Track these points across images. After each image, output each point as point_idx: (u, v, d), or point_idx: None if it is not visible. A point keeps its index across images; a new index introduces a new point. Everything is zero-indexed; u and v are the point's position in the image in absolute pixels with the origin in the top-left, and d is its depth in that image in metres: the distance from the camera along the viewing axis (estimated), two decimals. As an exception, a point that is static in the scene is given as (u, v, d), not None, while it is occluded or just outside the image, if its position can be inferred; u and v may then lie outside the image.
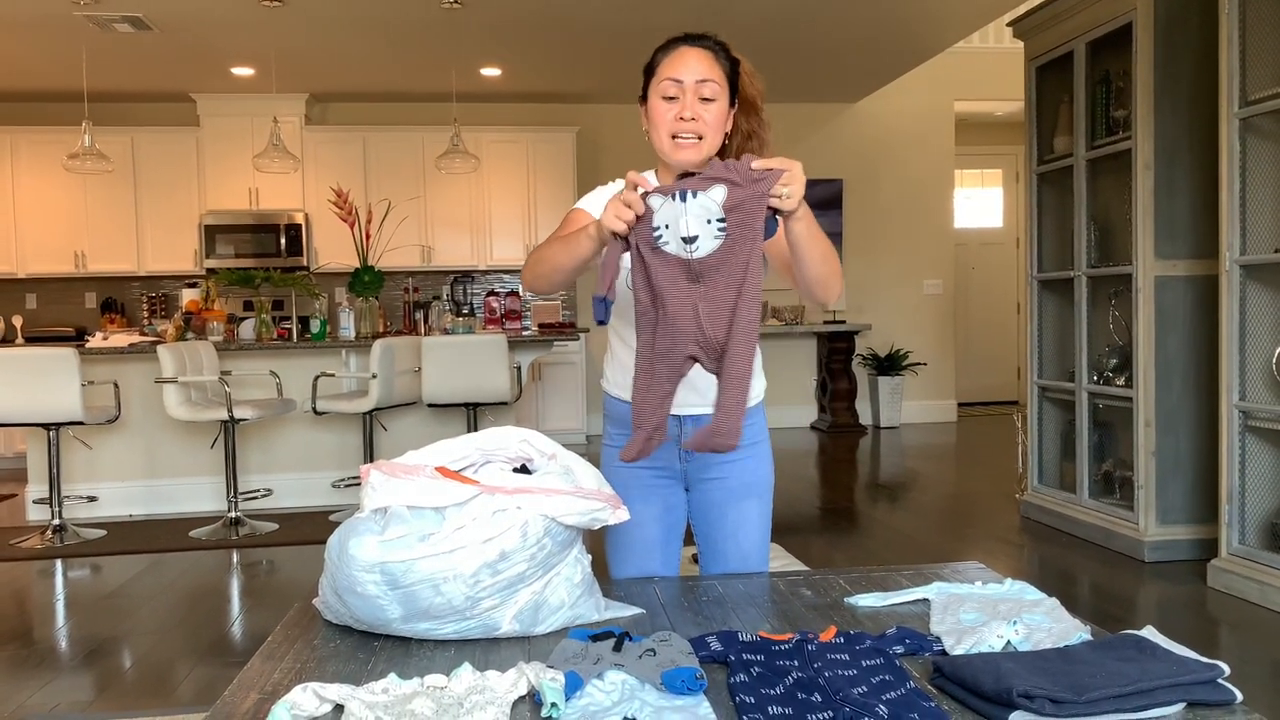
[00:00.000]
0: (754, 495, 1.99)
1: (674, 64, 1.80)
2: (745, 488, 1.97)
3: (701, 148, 1.81)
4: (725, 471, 1.95)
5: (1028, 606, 1.53)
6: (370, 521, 1.50)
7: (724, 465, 1.94)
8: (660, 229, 1.56)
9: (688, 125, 1.79)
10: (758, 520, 2.00)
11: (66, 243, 7.77)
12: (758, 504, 1.99)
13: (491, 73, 7.53)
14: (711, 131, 1.81)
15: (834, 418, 8.62)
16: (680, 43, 1.82)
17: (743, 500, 1.97)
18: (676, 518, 2.01)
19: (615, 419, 2.01)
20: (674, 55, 1.81)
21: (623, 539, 1.98)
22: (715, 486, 1.97)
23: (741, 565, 1.96)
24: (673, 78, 1.79)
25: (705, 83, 1.79)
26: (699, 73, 1.79)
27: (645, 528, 1.97)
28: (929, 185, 9.08)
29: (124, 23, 6.03)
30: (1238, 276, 3.81)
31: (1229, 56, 3.78)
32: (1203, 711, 1.18)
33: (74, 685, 3.19)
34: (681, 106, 1.79)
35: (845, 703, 1.19)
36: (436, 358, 5.40)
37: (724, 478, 1.96)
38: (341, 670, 1.39)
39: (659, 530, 1.98)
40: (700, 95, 1.79)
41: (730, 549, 1.98)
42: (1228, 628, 3.58)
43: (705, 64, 1.80)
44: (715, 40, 1.84)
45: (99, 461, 5.75)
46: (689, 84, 1.79)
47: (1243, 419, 3.85)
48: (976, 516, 5.46)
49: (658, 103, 1.81)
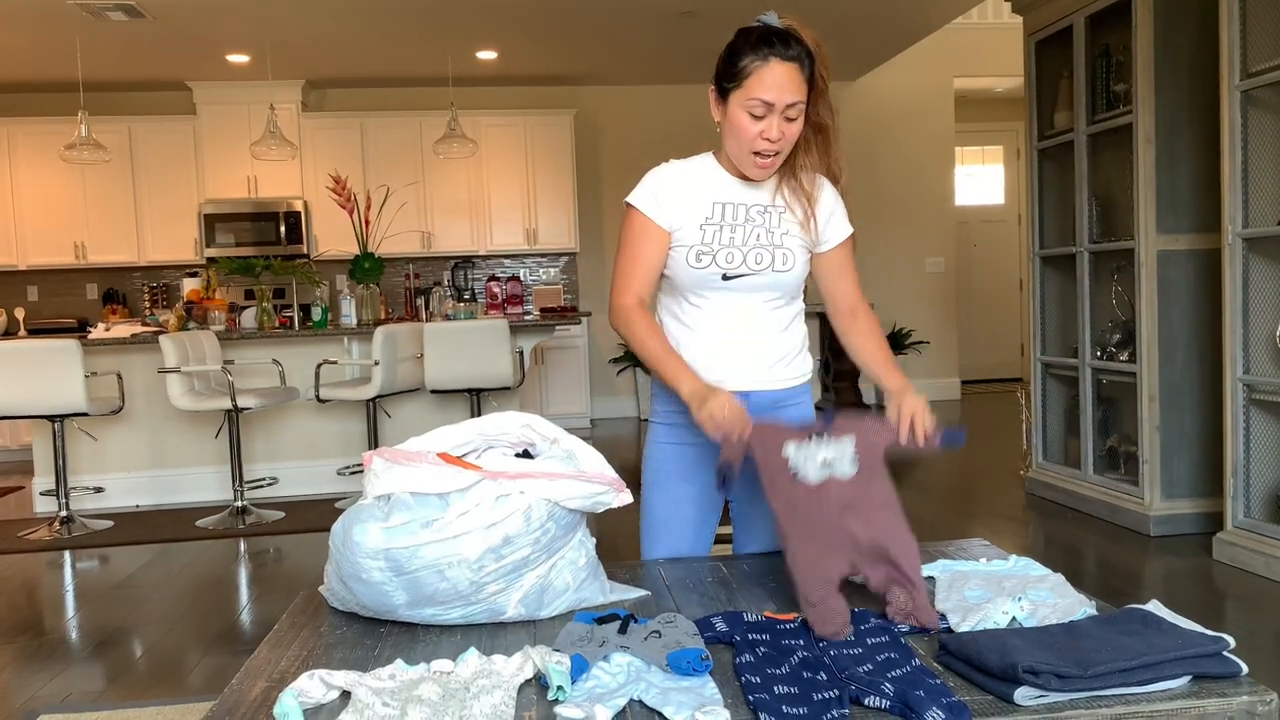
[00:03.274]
0: None
1: (765, 84, 1.77)
2: None
3: (778, 162, 1.86)
4: None
5: (1033, 583, 1.53)
6: (374, 508, 1.50)
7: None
8: (793, 465, 1.58)
9: (772, 146, 1.81)
10: None
11: (66, 234, 7.76)
12: None
13: (488, 56, 7.49)
14: (789, 147, 1.85)
15: (838, 397, 8.61)
16: (771, 52, 1.77)
17: None
18: (715, 500, 2.01)
19: (662, 396, 1.98)
20: (765, 71, 1.77)
21: (658, 517, 1.98)
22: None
23: (774, 546, 1.95)
24: (764, 99, 1.77)
25: (793, 106, 1.79)
26: (789, 96, 1.77)
27: (682, 506, 1.97)
28: (929, 163, 9.04)
29: (117, 10, 5.99)
30: (1240, 250, 3.79)
31: (1229, 28, 3.75)
32: (1208, 684, 1.19)
33: (85, 675, 3.21)
34: (768, 128, 1.79)
35: (851, 681, 1.20)
36: (438, 344, 5.39)
37: None
38: (348, 657, 1.39)
39: (695, 511, 1.98)
40: (786, 116, 1.80)
41: (759, 527, 1.99)
42: (1233, 600, 3.58)
43: (795, 83, 1.78)
44: (803, 47, 1.80)
45: (104, 453, 5.77)
46: (779, 107, 1.78)
47: (1246, 392, 3.84)
48: (981, 494, 5.46)
49: (742, 116, 1.80)
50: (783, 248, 1.89)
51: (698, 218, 1.89)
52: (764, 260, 1.88)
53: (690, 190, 1.91)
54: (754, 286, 1.89)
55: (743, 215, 1.90)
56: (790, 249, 1.90)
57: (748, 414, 1.67)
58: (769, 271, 1.88)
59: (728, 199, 1.91)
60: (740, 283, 1.89)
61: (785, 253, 1.89)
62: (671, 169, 1.94)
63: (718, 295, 1.90)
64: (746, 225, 1.89)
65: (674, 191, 1.90)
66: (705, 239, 1.88)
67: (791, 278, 1.91)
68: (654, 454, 1.99)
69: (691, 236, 1.88)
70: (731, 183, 1.92)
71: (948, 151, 9.10)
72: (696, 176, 1.93)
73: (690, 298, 1.93)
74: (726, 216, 1.89)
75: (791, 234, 1.90)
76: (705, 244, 1.87)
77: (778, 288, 1.91)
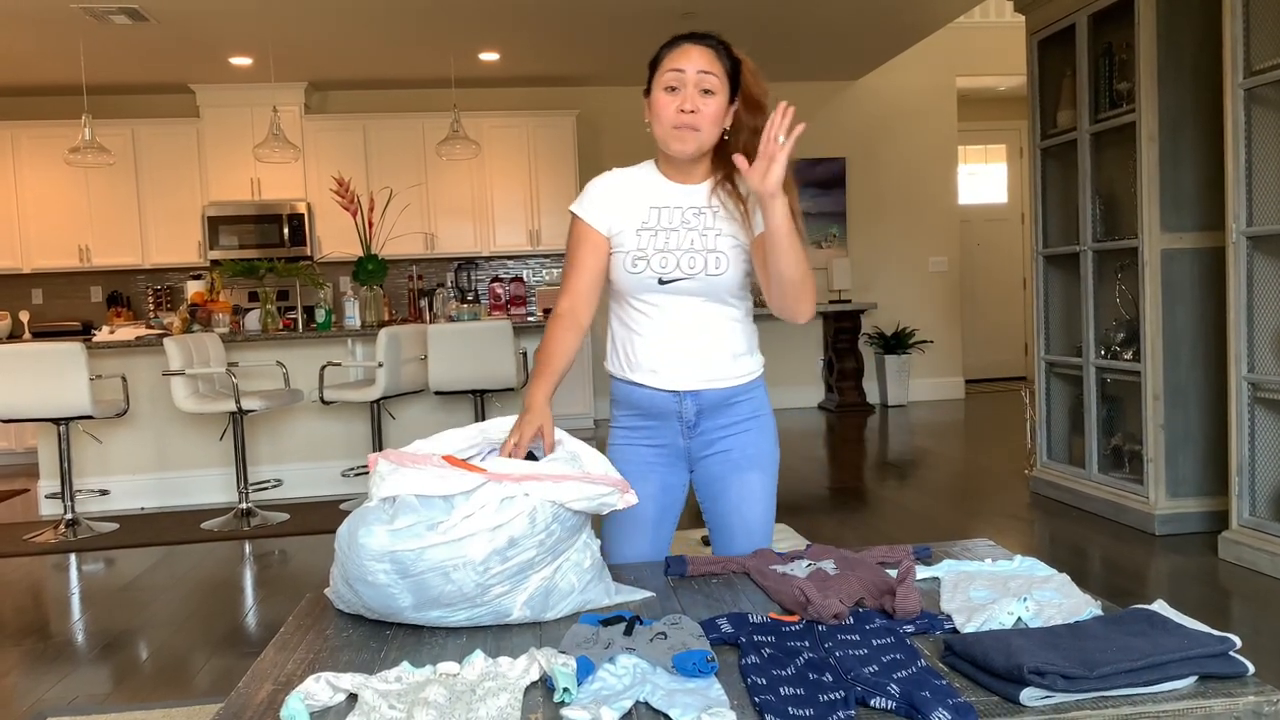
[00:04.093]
0: (757, 467, 2.01)
1: (677, 57, 1.88)
2: (748, 460, 2.00)
3: (697, 139, 1.88)
4: (728, 444, 1.99)
5: (1038, 583, 1.53)
6: (379, 511, 1.50)
7: (726, 439, 1.98)
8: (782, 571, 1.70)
9: (687, 117, 1.86)
10: (761, 493, 2.02)
11: (71, 237, 7.78)
12: (760, 476, 2.02)
13: (490, 57, 7.50)
14: (709, 124, 1.88)
15: (841, 397, 8.61)
16: (684, 40, 1.90)
17: (746, 472, 2.00)
18: (673, 498, 2.04)
19: (620, 401, 2.05)
20: (677, 50, 1.89)
21: (615, 516, 2.00)
22: (718, 460, 2.00)
23: (747, 540, 1.99)
24: (675, 68, 1.86)
25: (706, 74, 1.86)
26: (700, 64, 1.86)
27: (640, 505, 1.98)
28: (932, 162, 9.04)
29: (120, 14, 6.01)
30: (1244, 248, 3.79)
31: (1232, 26, 3.74)
32: (1214, 684, 1.18)
33: (91, 678, 3.21)
34: (682, 99, 1.86)
35: (857, 682, 1.20)
36: (442, 345, 5.40)
37: (727, 450, 1.99)
38: (354, 659, 1.39)
39: (653, 509, 2.01)
40: (701, 87, 1.86)
41: (735, 522, 2.01)
42: (1239, 599, 3.58)
43: (707, 58, 1.87)
44: (718, 39, 1.91)
45: (109, 455, 5.78)
46: (690, 75, 1.86)
47: (1251, 390, 3.84)
48: (986, 493, 5.46)
49: (660, 94, 1.89)
50: (715, 251, 1.91)
51: (634, 223, 1.94)
52: (697, 264, 1.90)
53: (628, 196, 1.96)
54: (690, 290, 1.92)
55: (678, 219, 1.93)
56: (723, 251, 1.91)
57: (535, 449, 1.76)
58: (703, 275, 1.90)
59: (664, 203, 1.95)
60: (676, 286, 1.91)
61: (718, 256, 1.91)
62: (612, 176, 2.00)
63: (659, 299, 1.94)
64: (681, 229, 1.92)
65: (612, 198, 1.96)
66: (640, 244, 1.92)
67: (726, 280, 1.92)
68: (613, 456, 2.02)
69: (629, 242, 1.93)
70: (668, 186, 1.96)
71: (950, 150, 9.09)
72: (635, 182, 1.98)
73: (634, 302, 1.96)
74: (662, 221, 1.93)
75: (725, 234, 1.92)
76: (640, 249, 1.92)
77: (713, 290, 1.93)
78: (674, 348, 1.95)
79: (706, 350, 1.95)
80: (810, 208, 8.86)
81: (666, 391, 1.96)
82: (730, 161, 1.90)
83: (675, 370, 1.95)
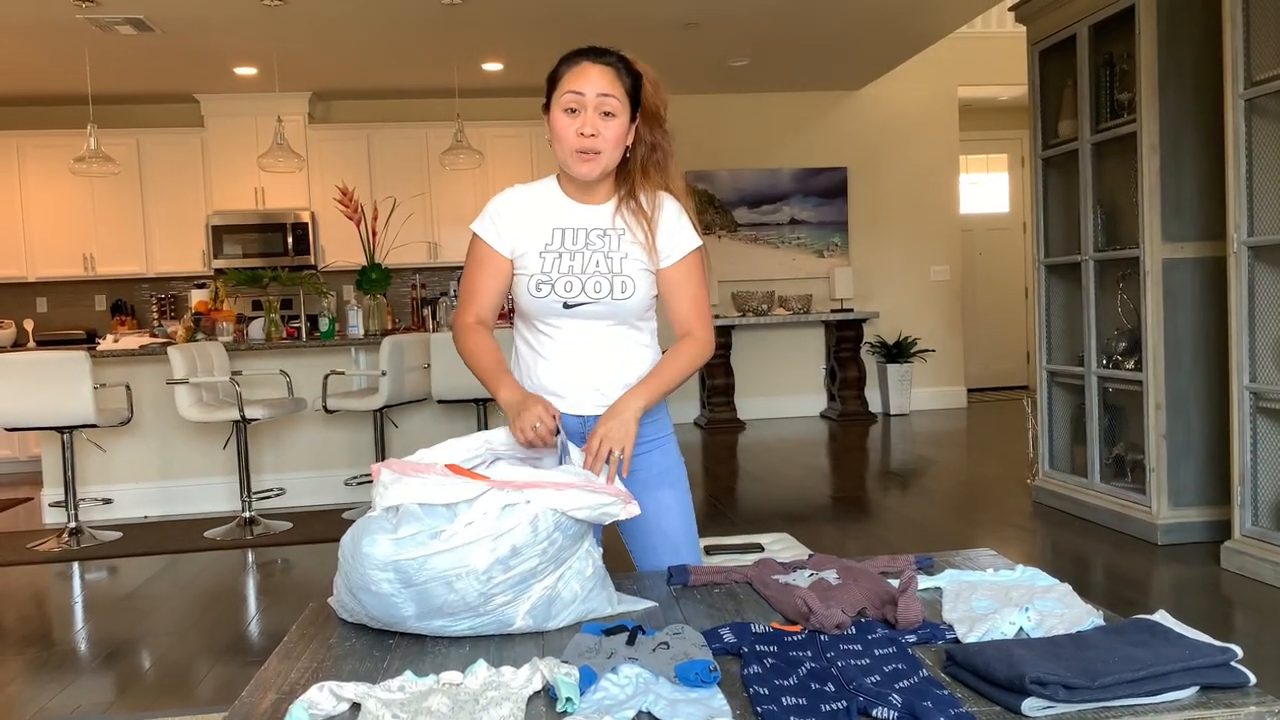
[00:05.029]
0: (667, 485, 1.99)
1: (576, 78, 1.85)
2: (656, 478, 1.98)
3: (600, 161, 1.86)
4: (634, 465, 1.92)
5: (1040, 593, 1.53)
6: (383, 520, 1.51)
7: (632, 459, 1.90)
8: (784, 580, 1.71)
9: (588, 141, 1.83)
10: (677, 508, 2.00)
11: (75, 246, 7.80)
12: (673, 492, 2.00)
13: (493, 68, 7.53)
14: (610, 147, 1.86)
15: (843, 406, 8.61)
16: (583, 57, 1.87)
17: (657, 490, 1.97)
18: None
19: None
20: (576, 70, 1.86)
21: None
22: (627, 481, 1.91)
23: (672, 555, 1.95)
24: (574, 90, 1.83)
25: (606, 98, 1.84)
26: (600, 87, 1.83)
27: None
28: (934, 171, 9.05)
29: (126, 24, 6.04)
30: (1246, 258, 3.79)
31: (1233, 37, 3.75)
32: (1216, 694, 1.19)
33: (94, 687, 3.21)
34: (582, 122, 1.84)
35: (859, 692, 1.20)
36: (445, 354, 5.40)
37: (634, 471, 1.92)
38: (358, 669, 1.40)
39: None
40: (601, 110, 1.84)
41: (658, 540, 1.98)
42: (1242, 609, 3.57)
43: (606, 80, 1.84)
44: (618, 56, 1.88)
45: (113, 464, 5.79)
46: (590, 98, 1.83)
47: (1253, 400, 3.84)
48: (988, 502, 5.46)
49: (560, 115, 1.86)
50: (622, 275, 1.89)
51: (538, 245, 1.91)
52: (603, 288, 1.88)
53: (531, 216, 1.93)
54: (596, 314, 1.89)
55: (582, 240, 1.90)
56: (630, 275, 1.89)
57: (561, 423, 1.78)
58: (608, 299, 1.88)
59: (567, 224, 1.92)
60: (581, 310, 1.89)
61: (624, 280, 1.89)
62: (514, 194, 1.97)
63: (563, 322, 1.91)
64: (586, 251, 1.89)
65: (514, 219, 1.93)
66: (544, 267, 1.89)
67: (633, 304, 1.90)
68: None
69: (532, 264, 1.90)
70: (572, 207, 1.93)
71: (952, 160, 9.11)
72: (538, 202, 1.95)
73: (539, 325, 1.94)
74: (566, 243, 1.90)
75: (631, 257, 1.90)
76: (544, 272, 1.89)
77: (620, 314, 1.91)
78: (579, 371, 1.92)
79: (610, 374, 1.92)
80: (811, 217, 8.89)
81: (572, 416, 1.92)
82: (632, 178, 1.91)
83: (579, 393, 1.93)
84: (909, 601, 1.46)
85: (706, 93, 8.52)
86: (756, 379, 8.79)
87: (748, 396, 8.66)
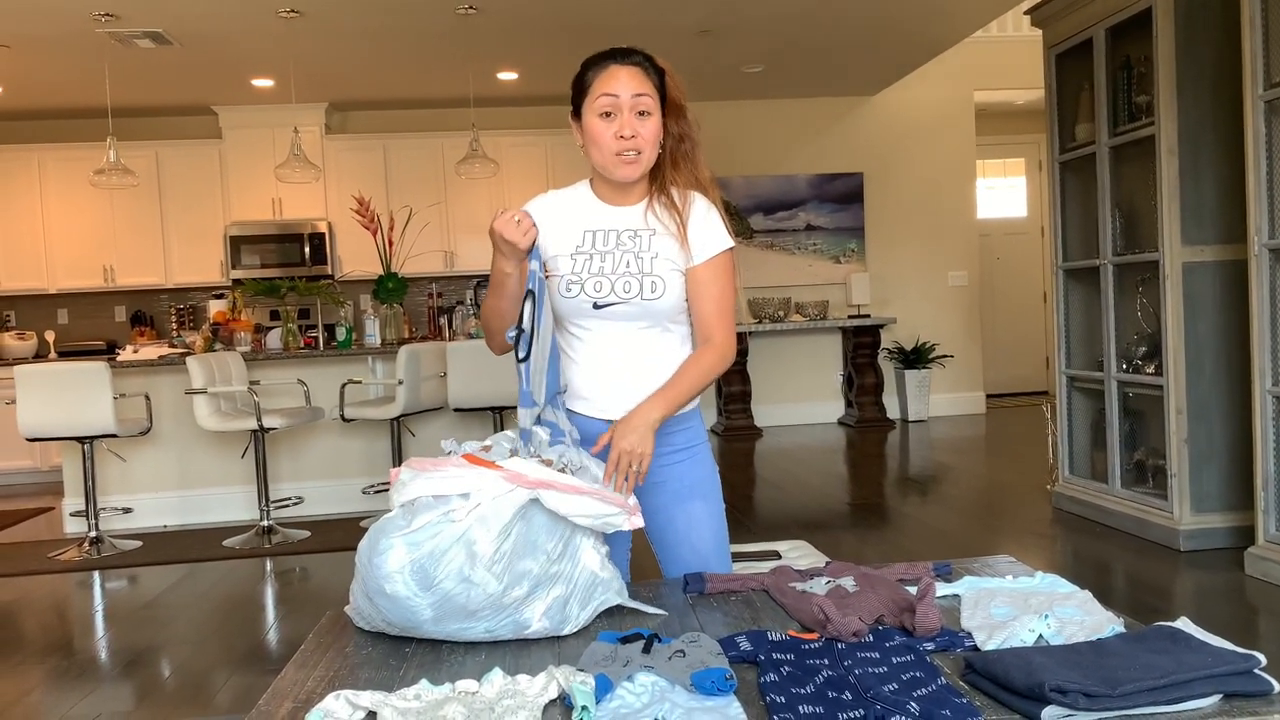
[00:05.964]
0: (698, 496, 1.97)
1: (607, 81, 1.85)
2: (688, 490, 1.96)
3: (641, 162, 1.86)
4: (664, 475, 1.92)
5: (1059, 600, 1.52)
6: (398, 518, 1.52)
7: (661, 469, 1.91)
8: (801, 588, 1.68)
9: (629, 143, 1.83)
10: (707, 520, 1.98)
11: (95, 257, 7.87)
12: (704, 504, 1.98)
13: (508, 77, 7.56)
14: (649, 146, 1.86)
15: (861, 412, 8.57)
16: (610, 60, 1.87)
17: (687, 502, 1.96)
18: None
19: None
20: (606, 73, 1.86)
21: None
22: (658, 491, 1.93)
23: (701, 569, 1.92)
24: (608, 93, 1.84)
25: (640, 97, 1.84)
26: (633, 88, 1.84)
27: None
28: (950, 176, 9.02)
29: (145, 38, 6.09)
30: (1267, 260, 3.76)
31: (1252, 38, 3.73)
32: (1239, 702, 1.17)
33: (114, 695, 3.23)
34: (620, 125, 1.84)
35: (876, 700, 1.19)
36: (461, 362, 5.42)
37: (664, 481, 1.93)
38: (374, 677, 1.40)
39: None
40: (636, 110, 1.84)
41: (685, 553, 1.96)
42: (1266, 616, 3.53)
43: (637, 79, 1.85)
44: (643, 54, 1.89)
45: (133, 473, 5.82)
46: (625, 99, 1.83)
47: (1276, 404, 3.80)
48: (1007, 509, 5.42)
49: (595, 121, 1.86)
50: (652, 275, 1.87)
51: (569, 247, 1.91)
52: (632, 289, 1.87)
53: (563, 220, 1.93)
54: (626, 315, 1.88)
55: (613, 241, 1.90)
56: (660, 275, 1.87)
57: (530, 223, 1.81)
58: (638, 300, 1.87)
59: (599, 226, 1.92)
60: (611, 311, 1.88)
61: (655, 280, 1.87)
62: (547, 199, 1.97)
63: (594, 323, 1.90)
64: (616, 252, 1.88)
65: (547, 223, 1.92)
66: (575, 268, 1.88)
67: (664, 305, 1.88)
68: None
69: (564, 266, 1.90)
70: (603, 209, 1.93)
71: (969, 164, 9.07)
72: (571, 206, 1.95)
73: (570, 327, 1.93)
74: (597, 244, 1.90)
75: (662, 257, 1.88)
76: (575, 273, 1.88)
77: (651, 315, 1.89)
78: (609, 374, 1.91)
79: (642, 375, 1.90)
80: (828, 223, 8.87)
81: (600, 420, 1.90)
82: (663, 172, 1.91)
83: (610, 396, 1.90)
84: (927, 609, 1.45)
85: (721, 99, 8.52)
86: (773, 386, 8.76)
87: (765, 403, 8.64)
